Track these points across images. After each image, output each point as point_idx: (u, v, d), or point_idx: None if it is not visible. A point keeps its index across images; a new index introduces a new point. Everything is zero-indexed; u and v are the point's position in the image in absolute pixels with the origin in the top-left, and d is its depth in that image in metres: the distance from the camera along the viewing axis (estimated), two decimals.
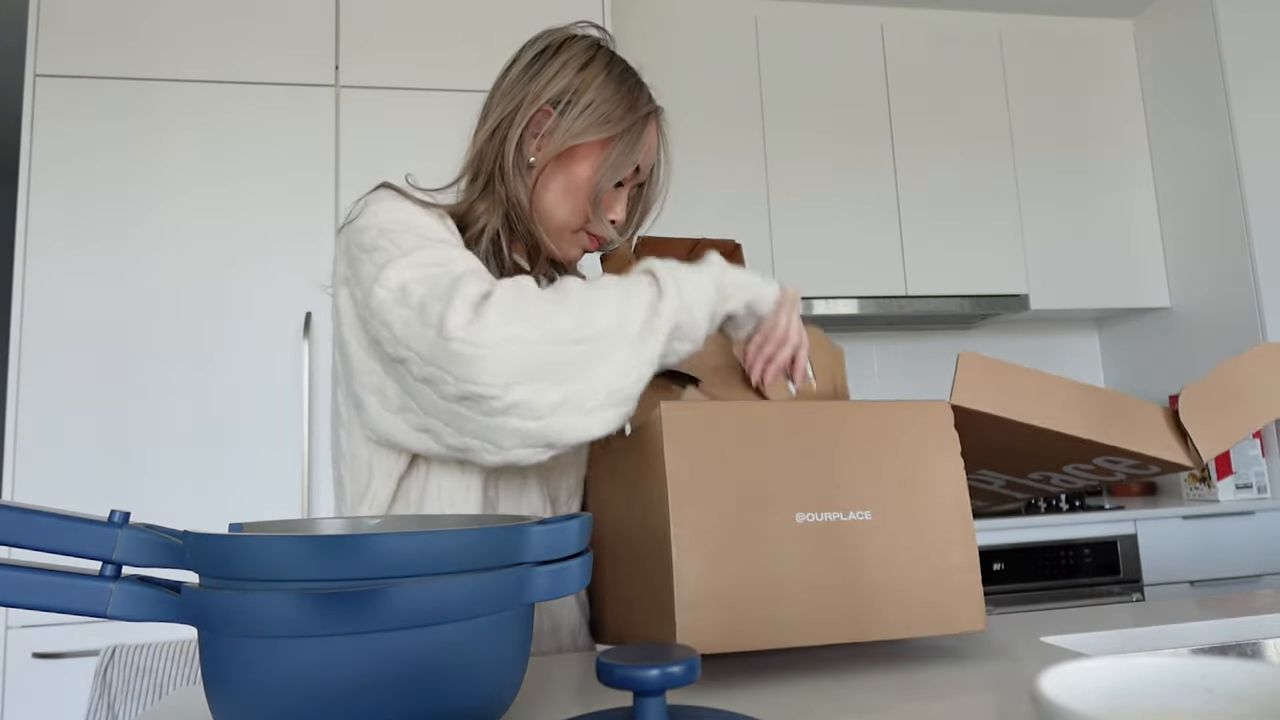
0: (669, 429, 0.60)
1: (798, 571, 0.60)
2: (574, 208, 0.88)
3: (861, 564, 0.62)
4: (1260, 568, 2.36)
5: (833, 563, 0.61)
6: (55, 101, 1.84)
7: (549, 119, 0.86)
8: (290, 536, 0.42)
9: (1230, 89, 2.55)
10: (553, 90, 0.86)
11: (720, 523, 0.59)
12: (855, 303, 2.60)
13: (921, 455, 0.66)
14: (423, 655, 0.42)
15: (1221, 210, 2.59)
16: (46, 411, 1.74)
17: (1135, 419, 0.72)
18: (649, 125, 0.89)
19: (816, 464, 0.63)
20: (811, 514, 0.62)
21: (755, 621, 0.58)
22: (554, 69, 0.87)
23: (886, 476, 0.64)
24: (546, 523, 0.48)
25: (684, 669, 0.35)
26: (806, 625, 0.59)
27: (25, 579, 0.43)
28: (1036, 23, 2.89)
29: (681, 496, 0.59)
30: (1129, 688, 0.29)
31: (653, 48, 2.59)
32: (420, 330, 0.70)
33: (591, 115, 0.85)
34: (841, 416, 0.65)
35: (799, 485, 0.62)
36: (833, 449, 0.64)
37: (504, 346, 0.66)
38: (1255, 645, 0.77)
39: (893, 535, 0.63)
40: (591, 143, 0.86)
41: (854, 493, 0.63)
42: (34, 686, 1.64)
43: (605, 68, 0.88)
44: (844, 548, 0.62)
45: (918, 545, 0.64)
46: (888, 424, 0.65)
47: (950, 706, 0.52)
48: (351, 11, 1.99)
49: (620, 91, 0.87)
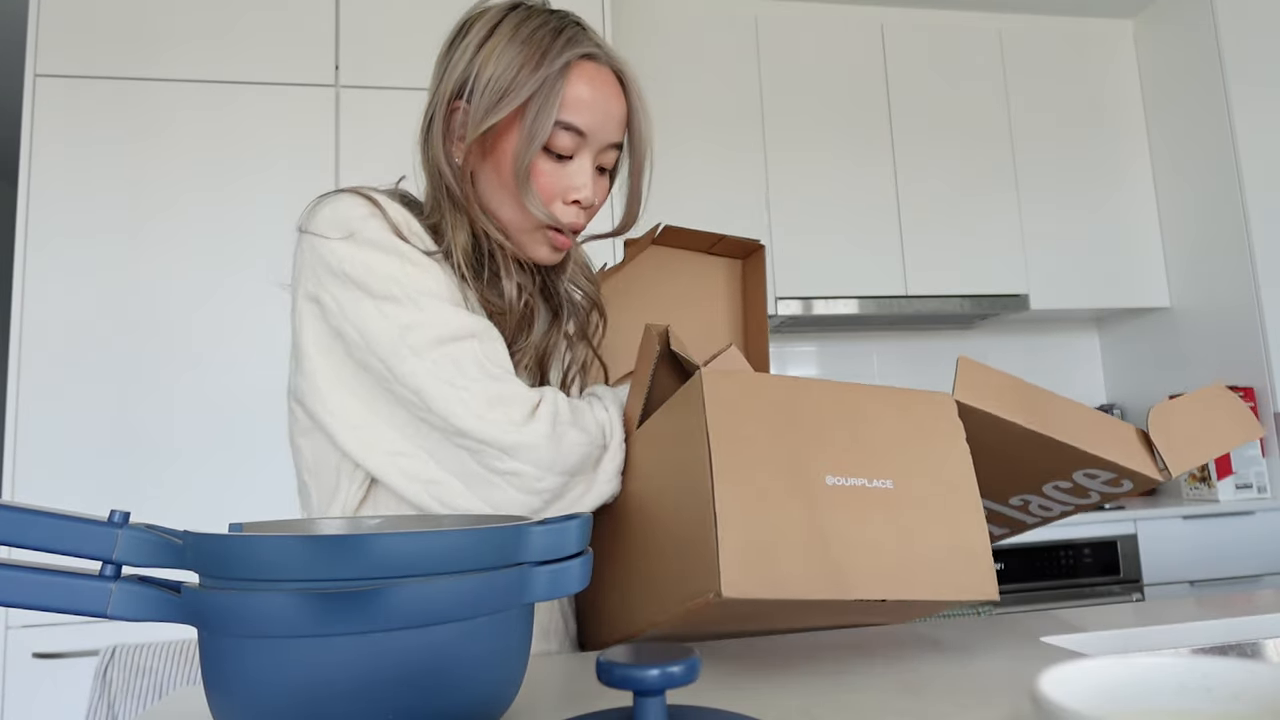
0: (710, 392, 0.62)
1: (830, 528, 0.61)
2: (513, 201, 0.77)
3: (887, 527, 0.63)
4: (1260, 568, 2.37)
5: (862, 523, 0.63)
6: (55, 101, 1.84)
7: (460, 114, 0.77)
8: (290, 536, 0.42)
9: (1230, 89, 2.55)
10: (454, 81, 0.76)
11: (759, 478, 0.61)
12: (855, 303, 2.60)
13: (932, 438, 0.68)
14: (423, 655, 0.42)
15: (1221, 210, 2.59)
16: (46, 411, 1.74)
17: (1111, 432, 0.76)
18: (570, 74, 0.75)
19: (842, 435, 0.65)
20: (841, 478, 0.63)
21: (793, 572, 0.59)
22: (456, 56, 0.77)
23: (903, 452, 0.67)
24: (546, 523, 0.48)
25: (684, 669, 0.35)
26: (839, 580, 0.60)
27: (25, 579, 0.43)
28: (1036, 23, 2.89)
29: (724, 453, 0.60)
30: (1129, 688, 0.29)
31: (653, 48, 2.59)
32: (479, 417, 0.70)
33: (493, 91, 0.74)
34: (858, 397, 0.67)
35: (828, 451, 0.64)
36: (856, 424, 0.66)
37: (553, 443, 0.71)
38: (1255, 645, 0.77)
39: (913, 504, 0.65)
40: (504, 121, 0.74)
41: (876, 463, 0.65)
42: (34, 686, 1.64)
43: (510, 33, 0.75)
44: (871, 511, 0.63)
45: (935, 516, 0.66)
46: (898, 406, 0.68)
47: (950, 706, 0.52)
48: (351, 11, 1.99)
49: (525, 52, 0.74)
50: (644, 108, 0.81)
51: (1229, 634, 0.77)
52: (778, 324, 2.71)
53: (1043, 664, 0.63)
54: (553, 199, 0.78)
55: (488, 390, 0.71)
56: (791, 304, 2.57)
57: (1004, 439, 0.75)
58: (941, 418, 0.69)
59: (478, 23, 0.78)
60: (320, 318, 0.73)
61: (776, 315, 2.57)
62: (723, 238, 0.97)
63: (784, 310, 2.56)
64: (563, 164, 0.77)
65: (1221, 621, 0.77)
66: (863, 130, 2.71)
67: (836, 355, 2.93)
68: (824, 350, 2.92)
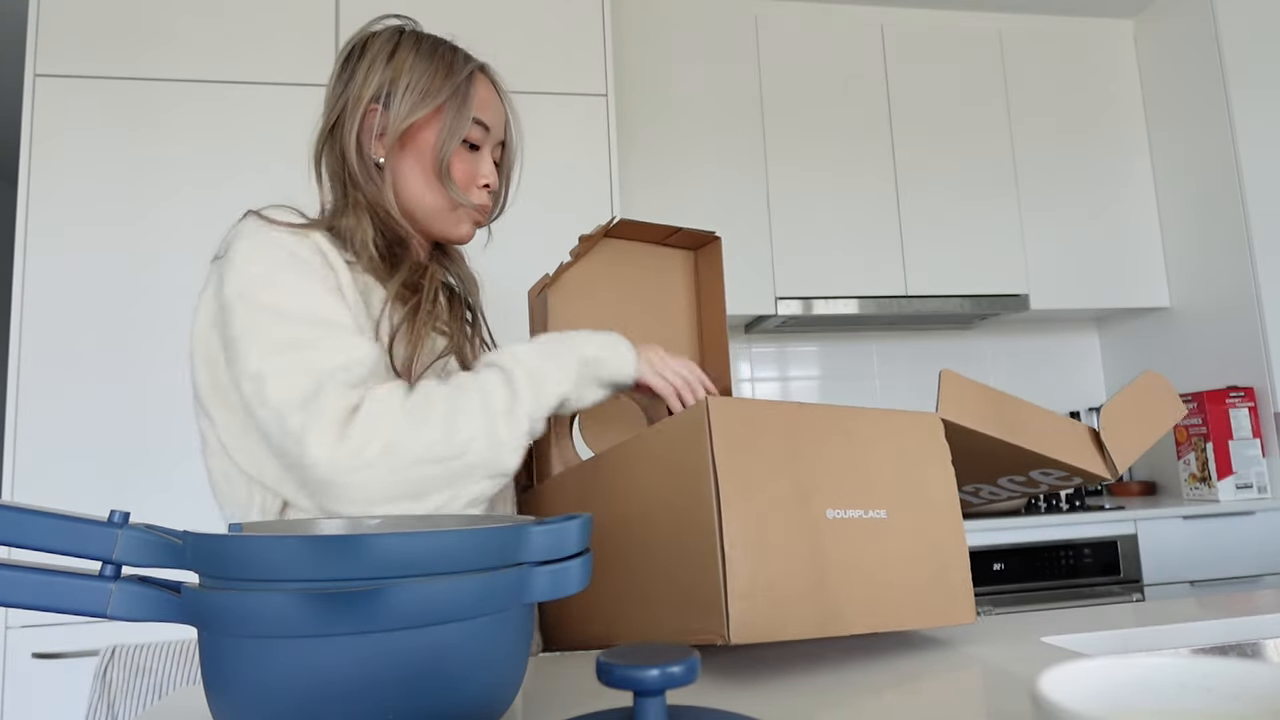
0: (717, 423, 0.60)
1: (829, 565, 0.62)
2: (437, 187, 0.90)
3: (880, 558, 0.64)
4: (1260, 568, 2.36)
5: (858, 557, 0.63)
6: (55, 101, 1.84)
7: (377, 116, 0.88)
8: (290, 536, 0.42)
9: (1230, 89, 2.55)
10: (370, 88, 0.88)
11: (764, 515, 0.60)
12: (855, 303, 2.60)
13: (920, 461, 0.69)
14: (423, 655, 0.42)
15: (1221, 210, 2.59)
16: (46, 411, 1.74)
17: (1070, 436, 0.81)
18: (474, 83, 0.91)
19: (839, 464, 0.65)
20: (839, 510, 0.63)
21: (796, 613, 0.59)
22: (365, 68, 0.89)
23: (895, 479, 0.67)
24: (546, 523, 0.48)
25: (684, 669, 0.35)
26: (837, 617, 0.61)
27: (25, 579, 0.43)
28: (1036, 23, 2.89)
29: (731, 489, 0.59)
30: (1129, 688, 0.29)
31: (653, 48, 2.59)
32: (281, 441, 0.71)
33: (414, 94, 0.87)
34: (854, 422, 0.67)
35: (827, 483, 0.64)
36: (853, 452, 0.66)
37: (369, 472, 0.69)
38: (1255, 645, 0.77)
39: (903, 534, 0.66)
40: (423, 119, 0.88)
41: (871, 493, 0.65)
42: (34, 686, 1.64)
43: (413, 48, 0.90)
44: (866, 543, 0.64)
45: (922, 543, 0.67)
46: (889, 430, 0.69)
47: (950, 706, 0.52)
48: (351, 11, 1.99)
49: (434, 64, 0.89)
50: (517, 114, 0.98)
51: (1229, 634, 0.77)
52: (778, 324, 2.71)
53: (1043, 664, 0.63)
54: (469, 185, 0.92)
55: (294, 416, 0.71)
56: (791, 304, 2.57)
57: (973, 442, 0.78)
58: (930, 440, 0.71)
59: (375, 42, 0.91)
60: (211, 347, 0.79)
61: (776, 315, 2.57)
62: (678, 230, 0.97)
63: (784, 310, 2.56)
64: (474, 155, 0.92)
65: (1221, 621, 0.77)
66: (863, 130, 2.71)
67: (836, 355, 2.93)
68: (824, 350, 2.92)
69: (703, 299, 1.01)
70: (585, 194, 2.06)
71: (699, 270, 1.02)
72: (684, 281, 1.02)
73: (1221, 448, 2.46)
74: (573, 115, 2.08)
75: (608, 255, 0.98)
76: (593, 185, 2.07)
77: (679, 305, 1.01)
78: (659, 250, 1.01)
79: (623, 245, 0.99)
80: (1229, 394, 2.48)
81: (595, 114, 2.09)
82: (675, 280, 1.01)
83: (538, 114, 2.07)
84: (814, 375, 2.91)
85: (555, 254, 2.02)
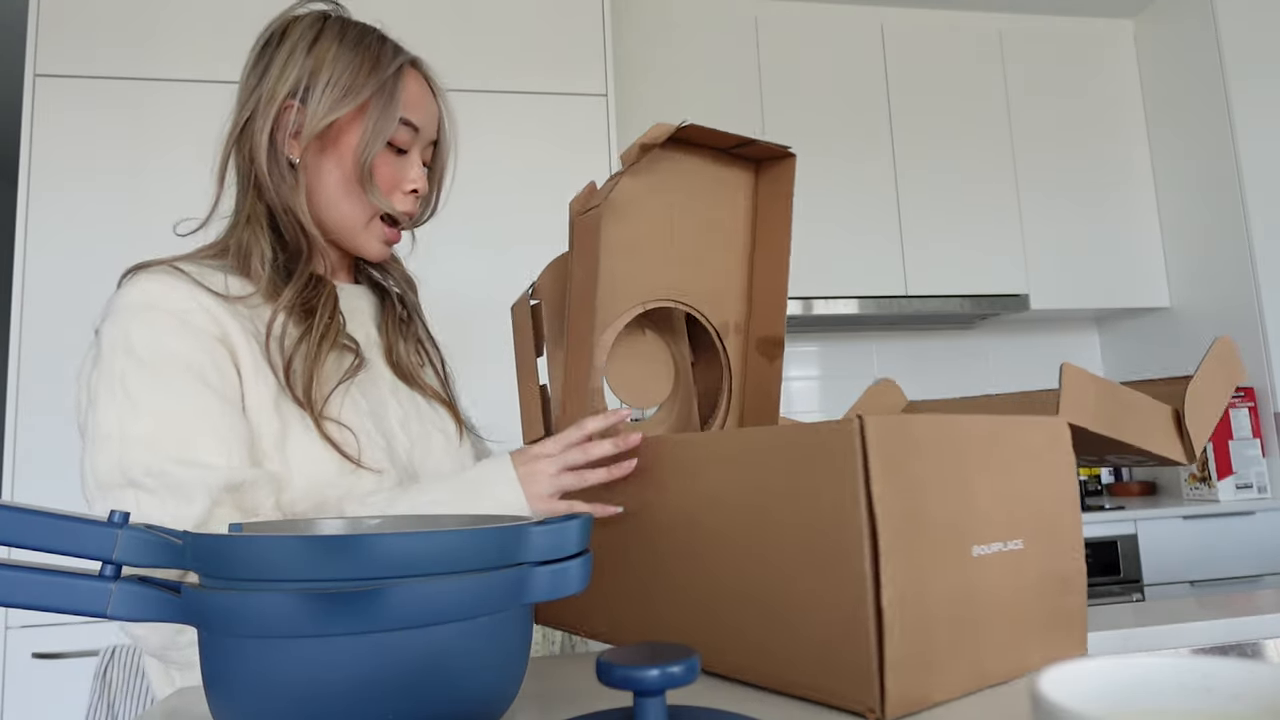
0: (875, 448, 0.48)
1: (975, 610, 0.53)
2: (356, 194, 0.82)
3: (1015, 599, 0.55)
4: (1260, 568, 2.36)
5: (999, 597, 0.54)
6: (55, 101, 1.84)
7: (293, 112, 0.81)
8: (290, 536, 0.42)
9: (1230, 89, 2.55)
10: (287, 82, 0.80)
11: (923, 566, 0.50)
12: (855, 303, 2.60)
13: (1049, 476, 0.60)
14: (423, 655, 0.42)
15: (1221, 210, 2.59)
16: (46, 411, 1.74)
17: (1156, 420, 0.72)
18: (403, 78, 0.83)
19: (983, 487, 0.55)
20: (984, 545, 0.54)
21: (947, 673, 0.51)
22: (282, 59, 0.81)
23: (1030, 499, 0.58)
24: (546, 523, 0.48)
25: (684, 669, 0.35)
26: (982, 671, 0.53)
27: (25, 579, 0.43)
28: (1036, 23, 2.89)
29: (891, 534, 0.48)
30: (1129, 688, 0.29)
31: (653, 48, 2.59)
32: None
33: (335, 91, 0.79)
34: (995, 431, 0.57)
35: (974, 512, 0.54)
36: (994, 471, 0.56)
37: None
38: (1255, 645, 0.77)
39: (1035, 564, 0.57)
40: (345, 118, 0.80)
41: (1011, 520, 0.56)
42: (34, 686, 1.64)
43: (337, 38, 0.82)
44: (1005, 578, 0.55)
45: (1051, 573, 0.58)
46: (1025, 440, 0.59)
47: (950, 706, 0.52)
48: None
49: (359, 56, 0.81)
50: (451, 111, 0.90)
51: (1229, 634, 0.77)
52: None
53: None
54: (393, 190, 0.85)
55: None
56: (791, 304, 2.57)
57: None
58: (1057, 448, 0.61)
59: (295, 29, 0.82)
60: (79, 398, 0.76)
61: None
62: (750, 141, 0.81)
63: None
64: (400, 158, 0.85)
65: (1221, 621, 0.77)
66: (863, 130, 2.71)
67: (836, 355, 2.93)
68: (824, 350, 2.92)
69: (761, 226, 0.87)
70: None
71: (760, 193, 0.87)
72: (746, 204, 0.87)
73: (1221, 448, 2.46)
74: (573, 115, 2.08)
75: (665, 167, 0.81)
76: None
77: (738, 229, 0.86)
78: (721, 168, 0.85)
79: (681, 159, 0.83)
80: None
81: (595, 114, 2.09)
82: (738, 200, 0.86)
83: (538, 114, 2.07)
84: (814, 375, 2.90)
85: (555, 254, 2.02)
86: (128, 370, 0.71)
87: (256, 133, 0.81)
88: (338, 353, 0.82)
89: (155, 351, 0.72)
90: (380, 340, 0.90)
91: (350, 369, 0.81)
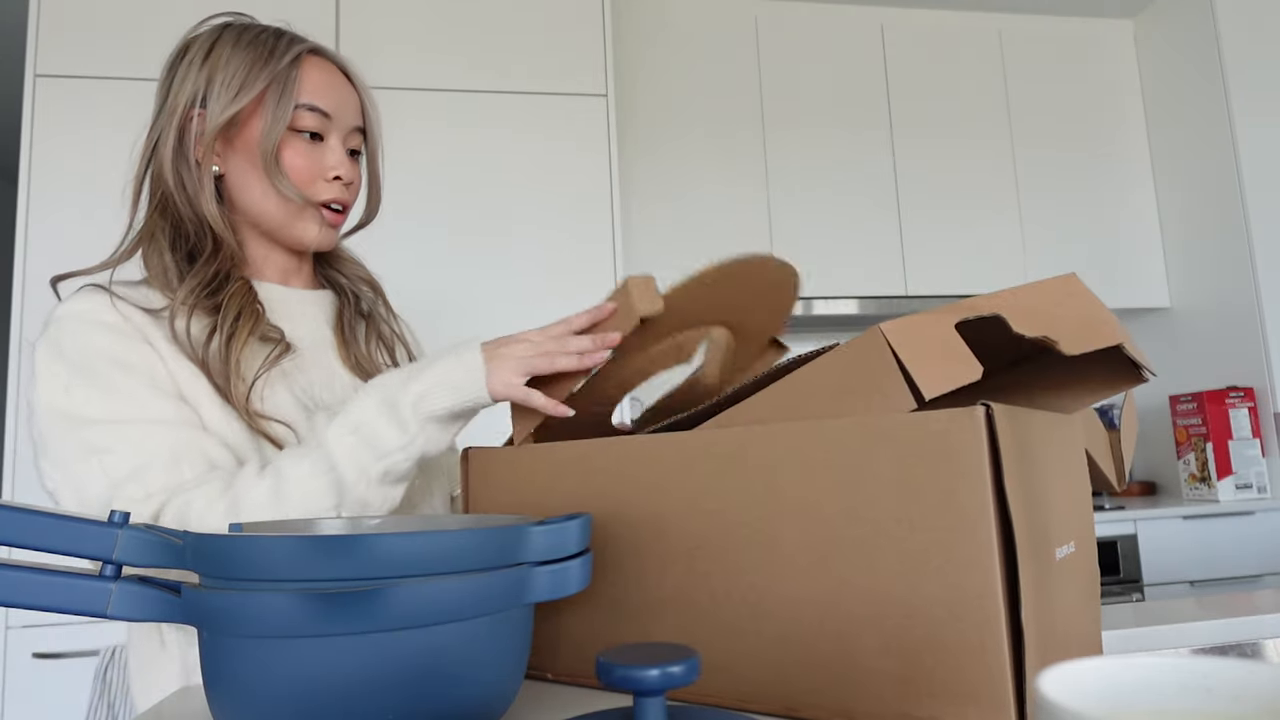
0: (1006, 440, 0.43)
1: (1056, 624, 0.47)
2: (273, 187, 0.83)
3: (1073, 605, 0.51)
4: (1260, 568, 2.36)
5: (1066, 608, 0.49)
6: (55, 101, 1.84)
7: (196, 120, 0.82)
8: (290, 536, 0.42)
9: (1230, 89, 2.55)
10: (187, 92, 0.82)
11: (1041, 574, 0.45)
12: (855, 303, 2.60)
13: (1081, 470, 0.56)
14: (423, 655, 0.42)
15: (1221, 210, 2.59)
16: None
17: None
18: (301, 66, 0.83)
19: (1056, 486, 0.50)
20: (1060, 547, 0.49)
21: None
22: (181, 73, 0.83)
23: (1080, 496, 0.54)
24: (546, 523, 0.48)
25: (684, 669, 0.35)
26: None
27: (25, 579, 0.43)
28: (1036, 23, 2.89)
29: (1025, 539, 0.43)
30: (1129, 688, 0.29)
31: (653, 48, 2.59)
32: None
33: (230, 88, 0.80)
34: (1058, 431, 0.52)
35: (1053, 510, 0.49)
36: (1058, 469, 0.51)
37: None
38: (1255, 645, 0.77)
39: (1083, 567, 0.53)
40: (246, 112, 0.81)
41: (1070, 520, 0.51)
42: (34, 686, 1.64)
43: (232, 42, 0.83)
44: (1068, 585, 0.50)
45: (1091, 576, 0.55)
46: (1076, 427, 0.55)
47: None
48: (351, 11, 1.99)
49: (254, 52, 0.82)
50: (372, 98, 0.89)
51: (1229, 634, 0.77)
52: None
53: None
54: (314, 178, 0.84)
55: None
56: None
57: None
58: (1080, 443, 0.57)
59: (195, 43, 0.84)
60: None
61: None
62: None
63: None
64: (315, 144, 0.84)
65: (1221, 621, 0.77)
66: (863, 130, 2.71)
67: None
68: None
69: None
70: (585, 194, 2.06)
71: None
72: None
73: (1221, 448, 2.46)
74: (573, 115, 2.08)
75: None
76: (593, 186, 2.06)
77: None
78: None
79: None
80: (1229, 394, 2.48)
81: (595, 114, 2.09)
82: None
83: (538, 114, 2.07)
84: None
85: (555, 254, 2.02)
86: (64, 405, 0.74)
87: (161, 147, 0.83)
88: (263, 346, 0.81)
89: (85, 352, 0.75)
90: (334, 339, 0.90)
91: (269, 360, 0.80)
